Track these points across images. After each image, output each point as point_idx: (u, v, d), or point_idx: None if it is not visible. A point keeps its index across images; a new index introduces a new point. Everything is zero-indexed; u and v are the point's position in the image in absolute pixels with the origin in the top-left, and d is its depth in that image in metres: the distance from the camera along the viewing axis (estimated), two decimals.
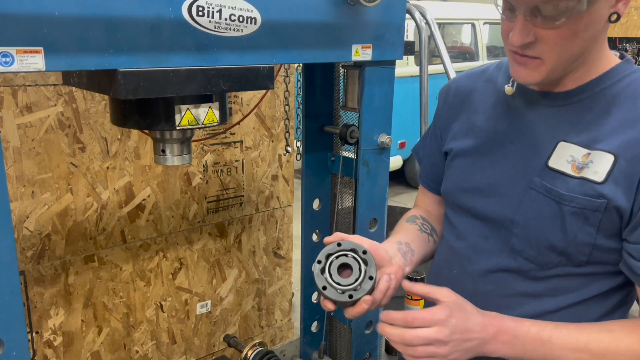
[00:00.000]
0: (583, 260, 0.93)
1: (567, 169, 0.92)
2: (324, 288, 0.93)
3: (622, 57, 0.98)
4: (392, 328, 0.91)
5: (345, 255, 0.95)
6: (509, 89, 1.04)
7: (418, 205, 1.31)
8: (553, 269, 0.96)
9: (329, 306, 0.95)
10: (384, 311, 0.93)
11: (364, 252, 0.95)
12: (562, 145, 0.94)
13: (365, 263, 0.94)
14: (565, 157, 0.93)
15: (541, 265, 0.96)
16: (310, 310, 1.86)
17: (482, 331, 0.91)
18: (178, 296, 2.11)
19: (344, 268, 0.95)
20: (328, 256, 0.95)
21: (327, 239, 0.98)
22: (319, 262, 0.95)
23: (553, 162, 0.94)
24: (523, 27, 0.87)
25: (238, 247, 2.25)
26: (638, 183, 0.87)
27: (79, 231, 1.80)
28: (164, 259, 2.03)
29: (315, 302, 1.85)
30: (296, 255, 2.20)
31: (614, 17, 0.87)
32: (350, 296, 0.92)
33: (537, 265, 0.97)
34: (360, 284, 0.93)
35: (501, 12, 0.91)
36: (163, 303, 2.07)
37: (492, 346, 0.91)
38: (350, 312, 0.95)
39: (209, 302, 2.20)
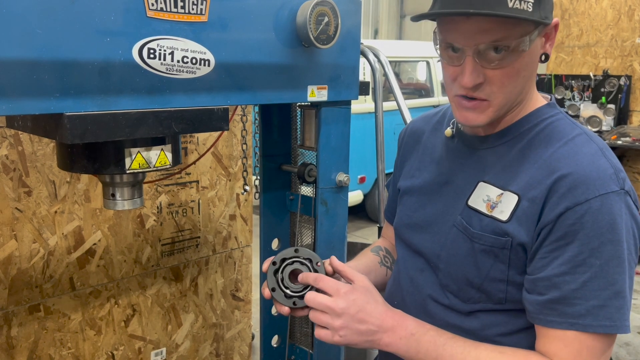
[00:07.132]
0: (502, 298, 0.97)
1: (483, 207, 0.98)
2: (273, 290, 1.00)
3: (550, 100, 1.04)
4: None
5: (301, 263, 1.02)
6: (448, 131, 1.11)
7: (383, 236, 1.39)
8: (476, 304, 1.00)
9: (283, 310, 1.01)
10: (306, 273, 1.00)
11: (318, 263, 1.02)
12: (481, 185, 1.00)
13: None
14: (482, 196, 0.99)
15: (464, 300, 1.01)
16: (271, 355, 1.79)
17: (379, 319, 0.94)
18: (131, 344, 2.00)
19: (295, 274, 1.02)
20: (284, 260, 1.02)
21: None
22: (274, 263, 1.02)
23: (472, 201, 1.00)
24: (474, 69, 0.90)
25: (194, 291, 2.17)
26: (537, 222, 0.91)
27: (23, 280, 1.69)
28: (116, 305, 1.94)
29: (275, 346, 1.79)
30: (256, 295, 2.14)
31: (543, 57, 0.95)
32: (294, 303, 1.00)
33: (461, 300, 1.01)
34: (307, 290, 0.99)
35: (443, 57, 0.95)
36: (115, 352, 1.96)
37: (388, 338, 0.94)
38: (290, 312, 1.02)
39: (164, 349, 2.10)
